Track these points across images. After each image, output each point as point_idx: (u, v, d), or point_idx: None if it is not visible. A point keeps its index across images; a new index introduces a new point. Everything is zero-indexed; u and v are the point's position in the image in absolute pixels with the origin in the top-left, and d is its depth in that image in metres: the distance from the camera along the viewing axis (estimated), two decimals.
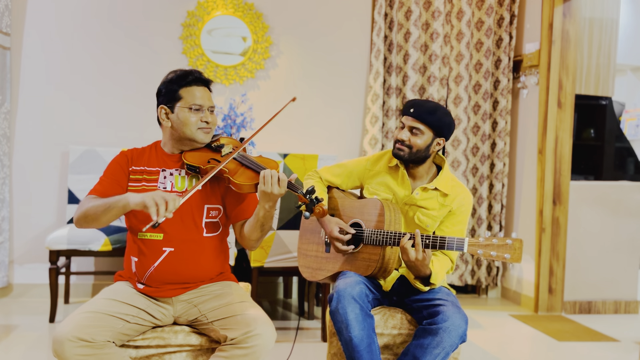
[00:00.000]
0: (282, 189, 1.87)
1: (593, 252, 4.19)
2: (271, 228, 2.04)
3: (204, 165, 1.98)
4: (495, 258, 1.93)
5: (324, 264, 2.32)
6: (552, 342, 3.48)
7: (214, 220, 2.03)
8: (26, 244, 4.02)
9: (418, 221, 2.25)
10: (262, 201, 1.90)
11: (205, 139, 2.04)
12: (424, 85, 4.35)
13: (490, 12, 4.36)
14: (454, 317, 2.00)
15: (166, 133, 2.07)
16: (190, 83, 2.03)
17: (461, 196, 2.25)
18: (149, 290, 1.96)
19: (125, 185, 2.02)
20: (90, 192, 1.99)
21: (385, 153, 2.38)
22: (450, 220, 2.26)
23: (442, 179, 2.26)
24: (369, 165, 2.38)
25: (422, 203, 2.25)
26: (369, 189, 2.35)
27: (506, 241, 1.93)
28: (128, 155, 2.07)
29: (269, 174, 1.87)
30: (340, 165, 2.44)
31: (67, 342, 1.70)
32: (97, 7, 4.05)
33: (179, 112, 2.00)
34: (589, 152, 4.61)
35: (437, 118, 2.19)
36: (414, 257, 2.02)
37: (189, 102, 2.00)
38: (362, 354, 2.02)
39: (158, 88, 2.06)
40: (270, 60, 4.27)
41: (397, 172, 2.30)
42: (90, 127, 4.06)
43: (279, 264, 3.29)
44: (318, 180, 2.43)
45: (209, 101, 2.04)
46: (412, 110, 2.20)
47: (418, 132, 2.20)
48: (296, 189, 1.90)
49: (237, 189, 1.95)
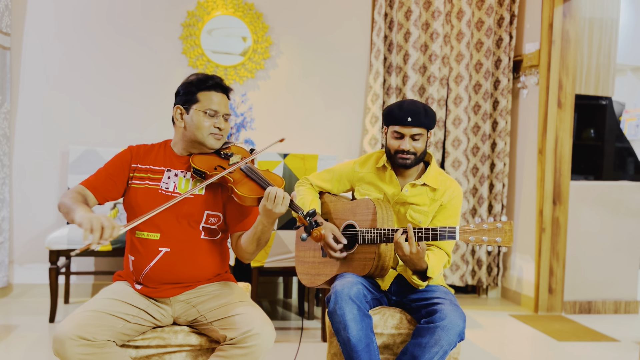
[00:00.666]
0: (284, 208, 1.87)
1: (593, 252, 4.19)
2: (267, 243, 2.04)
3: (210, 171, 1.97)
4: (488, 243, 1.93)
5: (322, 269, 2.33)
6: (552, 342, 3.48)
7: (212, 227, 2.03)
8: (26, 244, 4.02)
9: (410, 218, 2.27)
10: (262, 217, 1.90)
11: (216, 145, 2.04)
12: (424, 85, 4.35)
13: (490, 12, 4.36)
14: (452, 315, 2.01)
15: (178, 133, 2.06)
16: (210, 88, 2.03)
17: (451, 189, 2.27)
18: (147, 290, 1.96)
19: (121, 183, 2.02)
20: (83, 182, 2.00)
21: (371, 155, 2.41)
22: (442, 214, 2.28)
23: (430, 174, 2.28)
24: (357, 168, 2.40)
25: (412, 200, 2.26)
26: (359, 190, 2.37)
27: (496, 225, 1.93)
28: (134, 152, 2.07)
29: (274, 191, 1.86)
30: (329, 170, 2.47)
31: (68, 341, 1.70)
32: (97, 7, 4.05)
33: (193, 114, 2.00)
34: (589, 152, 4.60)
35: (430, 117, 2.24)
36: (408, 251, 2.03)
37: (205, 106, 2.00)
38: (360, 354, 2.02)
39: (177, 88, 2.07)
40: (270, 60, 4.27)
41: (385, 172, 2.32)
42: (90, 127, 4.06)
43: (279, 264, 3.29)
44: (309, 187, 2.45)
45: (225, 108, 2.04)
46: (410, 119, 2.21)
47: (419, 137, 2.23)
48: (297, 209, 1.90)
49: (239, 201, 1.94)
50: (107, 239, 1.69)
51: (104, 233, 1.68)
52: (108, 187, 2.00)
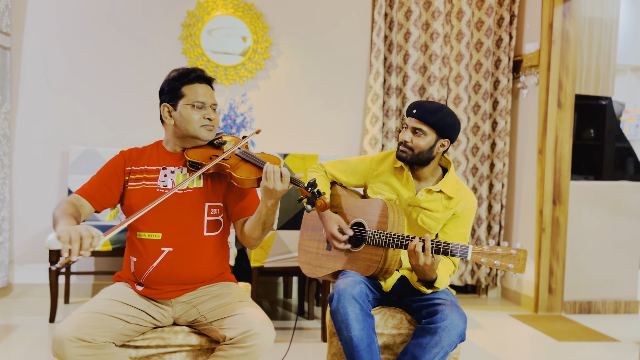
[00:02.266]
0: (285, 185, 1.86)
1: (593, 252, 4.19)
2: (272, 227, 2.03)
3: (206, 161, 1.97)
4: (499, 267, 1.92)
5: (324, 262, 2.31)
6: (552, 342, 3.48)
7: (215, 219, 2.02)
8: (26, 244, 4.02)
9: (421, 223, 2.24)
10: (264, 198, 1.89)
11: (209, 136, 2.04)
12: (424, 85, 4.35)
13: (490, 12, 4.36)
14: (453, 316, 2.00)
15: (169, 131, 2.06)
16: (193, 80, 2.02)
17: (465, 199, 2.24)
18: (148, 292, 1.95)
19: (116, 188, 2.01)
20: (78, 191, 1.99)
21: (390, 153, 2.36)
22: (454, 223, 2.25)
23: (447, 181, 2.25)
24: (373, 165, 2.36)
25: (426, 205, 2.24)
26: (372, 188, 2.33)
27: (510, 251, 1.92)
28: (126, 156, 2.06)
29: (271, 168, 1.86)
30: (344, 161, 2.43)
31: (67, 343, 1.70)
32: (97, 7, 4.05)
33: (181, 109, 2.00)
34: (589, 152, 4.61)
35: (439, 118, 2.17)
36: (422, 262, 2.01)
37: (191, 99, 2.00)
38: (362, 353, 2.02)
39: (161, 86, 2.06)
40: (270, 60, 4.27)
41: (402, 173, 2.28)
42: (90, 127, 4.06)
43: (279, 264, 3.29)
44: (323, 174, 2.41)
45: (211, 98, 2.04)
46: (415, 111, 2.19)
47: (421, 133, 2.18)
48: (298, 183, 1.89)
49: (239, 184, 1.94)
50: (87, 249, 1.64)
51: (83, 243, 1.64)
52: (104, 193, 1.99)
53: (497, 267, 1.92)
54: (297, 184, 1.89)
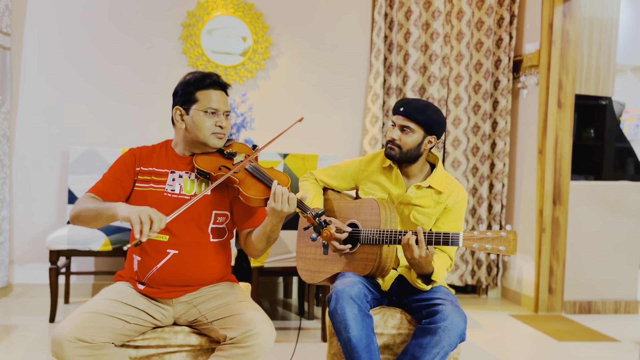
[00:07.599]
0: (292, 208, 1.87)
1: (593, 252, 4.19)
2: (276, 239, 2.04)
3: (215, 172, 1.96)
4: (491, 251, 1.94)
5: (322, 266, 2.32)
6: (552, 342, 3.48)
7: (220, 227, 2.02)
8: (26, 244, 4.02)
9: (414, 219, 2.26)
10: (270, 216, 1.90)
11: (218, 144, 2.03)
12: (424, 85, 4.35)
13: (490, 12, 4.36)
14: (453, 316, 2.00)
15: (179, 134, 2.05)
16: (208, 86, 2.01)
17: (455, 192, 2.26)
18: (150, 291, 1.95)
19: (128, 186, 2.00)
20: (91, 189, 1.97)
21: (378, 153, 2.39)
22: (446, 217, 2.27)
23: (436, 176, 2.27)
24: (362, 166, 2.39)
25: (416, 201, 2.26)
26: (364, 189, 2.35)
27: (500, 233, 1.94)
28: (137, 155, 2.05)
29: (280, 191, 1.86)
30: (334, 167, 2.45)
31: (66, 343, 1.70)
32: (97, 7, 4.05)
33: (194, 114, 1.99)
34: (589, 152, 4.61)
35: (426, 116, 2.20)
36: (417, 255, 2.02)
37: (204, 105, 1.99)
38: (361, 354, 2.02)
39: (175, 88, 2.05)
40: (270, 60, 4.27)
41: (391, 172, 2.31)
42: (90, 127, 4.06)
43: (279, 264, 3.29)
44: (314, 182, 2.44)
45: (224, 105, 2.03)
46: (403, 109, 2.22)
47: (409, 131, 2.21)
48: (306, 210, 1.90)
49: (246, 202, 1.93)
50: (155, 231, 1.68)
51: (153, 225, 1.68)
52: (117, 191, 1.97)
53: (489, 250, 1.94)
54: (304, 210, 1.90)
